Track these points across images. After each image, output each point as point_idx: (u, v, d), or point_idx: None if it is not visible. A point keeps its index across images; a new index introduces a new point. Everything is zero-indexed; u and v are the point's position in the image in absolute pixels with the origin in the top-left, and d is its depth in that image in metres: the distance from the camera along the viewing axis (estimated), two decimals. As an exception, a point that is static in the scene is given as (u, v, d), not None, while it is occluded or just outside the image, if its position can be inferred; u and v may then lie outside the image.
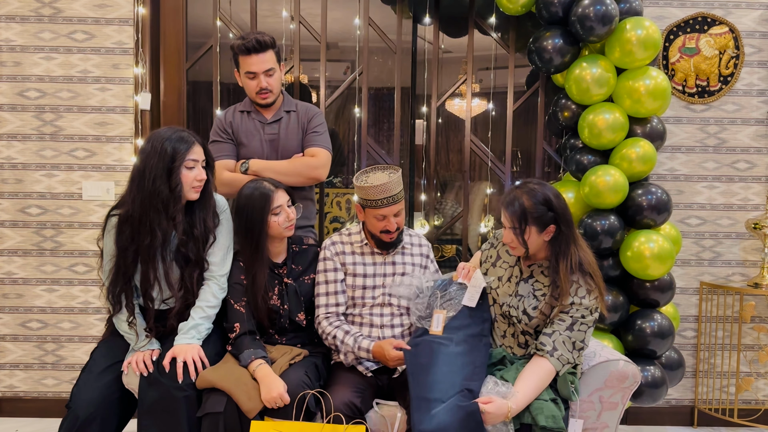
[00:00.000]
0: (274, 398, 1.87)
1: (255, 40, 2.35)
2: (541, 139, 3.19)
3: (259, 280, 2.10)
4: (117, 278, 2.00)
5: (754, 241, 3.10)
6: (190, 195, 2.02)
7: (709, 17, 3.03)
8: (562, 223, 1.97)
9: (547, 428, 1.80)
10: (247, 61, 2.37)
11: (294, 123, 2.49)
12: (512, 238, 1.98)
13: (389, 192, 2.11)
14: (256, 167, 2.38)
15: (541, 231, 1.96)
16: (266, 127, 2.48)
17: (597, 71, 2.63)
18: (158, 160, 1.94)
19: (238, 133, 2.48)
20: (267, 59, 2.37)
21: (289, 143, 2.46)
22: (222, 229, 2.13)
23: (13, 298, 3.08)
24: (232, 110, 2.54)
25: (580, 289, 1.95)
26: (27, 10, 3.00)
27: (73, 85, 3.03)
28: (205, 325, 2.06)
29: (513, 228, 1.96)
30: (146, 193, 1.94)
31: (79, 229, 3.07)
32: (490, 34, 3.19)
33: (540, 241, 1.99)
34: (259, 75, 2.38)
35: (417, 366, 1.95)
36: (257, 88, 2.40)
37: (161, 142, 1.96)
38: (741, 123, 3.08)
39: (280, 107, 2.50)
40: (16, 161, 3.04)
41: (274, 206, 2.10)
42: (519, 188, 1.98)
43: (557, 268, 1.97)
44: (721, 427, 3.09)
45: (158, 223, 1.95)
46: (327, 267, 2.21)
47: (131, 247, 1.98)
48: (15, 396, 3.11)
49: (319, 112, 2.54)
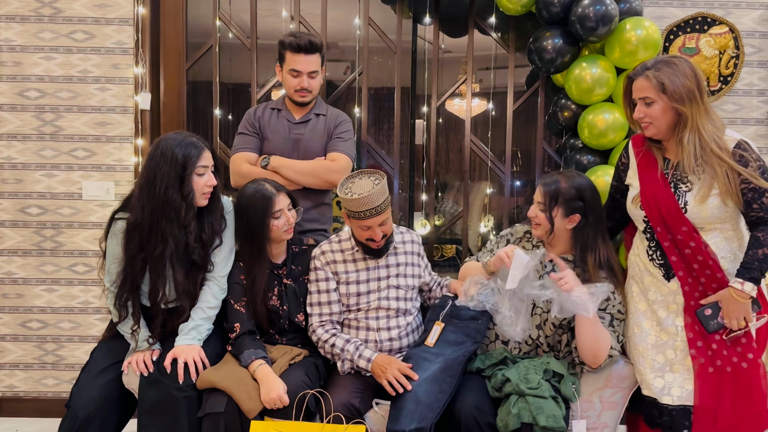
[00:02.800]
0: (274, 399, 1.87)
1: (308, 41, 2.39)
2: (541, 139, 3.19)
3: (259, 282, 2.10)
4: (125, 285, 1.99)
5: (754, 241, 3.10)
6: (200, 202, 2.01)
7: (709, 17, 3.02)
8: (591, 215, 2.03)
9: (548, 428, 1.80)
10: (295, 58, 2.40)
11: (321, 126, 2.50)
12: (537, 214, 2.05)
13: (372, 204, 2.03)
14: (276, 163, 2.40)
15: (566, 215, 2.02)
16: (293, 127, 2.50)
17: (597, 71, 2.63)
18: (169, 168, 1.92)
19: (264, 129, 2.51)
20: (314, 61, 2.42)
21: (313, 145, 2.48)
22: (227, 231, 2.13)
23: (13, 298, 3.08)
24: (264, 106, 2.57)
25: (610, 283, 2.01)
26: (27, 10, 3.00)
27: (73, 85, 3.03)
28: (205, 326, 2.06)
29: (542, 203, 2.03)
30: (157, 201, 1.91)
31: (79, 229, 3.07)
32: (490, 34, 3.19)
33: (562, 226, 2.03)
34: (303, 75, 2.41)
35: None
36: (297, 86, 2.43)
37: (171, 149, 1.93)
38: (741, 123, 3.08)
39: (311, 110, 2.52)
40: (16, 161, 3.04)
41: (274, 210, 2.09)
42: (561, 173, 2.08)
43: (585, 261, 2.02)
44: (721, 427, 3.09)
45: (171, 232, 1.93)
46: (318, 277, 2.19)
47: (140, 255, 1.96)
48: (15, 396, 3.11)
49: (347, 119, 2.55)
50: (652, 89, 1.90)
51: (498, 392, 1.94)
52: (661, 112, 1.91)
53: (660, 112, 1.92)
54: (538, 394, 1.86)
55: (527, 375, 1.91)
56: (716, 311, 1.92)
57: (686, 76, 1.89)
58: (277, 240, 2.16)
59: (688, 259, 1.96)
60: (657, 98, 1.91)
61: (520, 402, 1.86)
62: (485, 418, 1.88)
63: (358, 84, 3.18)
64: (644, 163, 2.04)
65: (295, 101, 2.48)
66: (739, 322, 1.89)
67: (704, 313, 1.93)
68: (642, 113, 1.94)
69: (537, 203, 2.07)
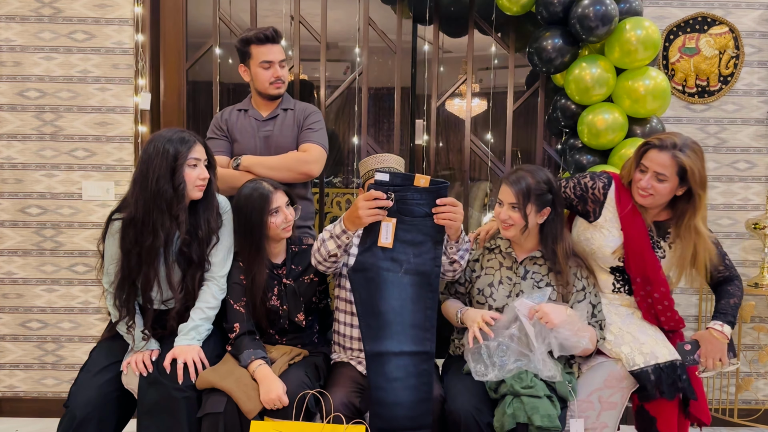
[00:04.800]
0: (273, 400, 1.87)
1: (273, 30, 2.41)
2: (541, 139, 3.19)
3: (259, 280, 2.10)
4: (123, 283, 2.00)
5: (754, 241, 3.10)
6: (193, 194, 2.02)
7: (709, 17, 3.02)
8: (558, 206, 2.06)
9: (543, 428, 1.80)
10: (263, 50, 2.41)
11: (290, 120, 2.49)
12: (510, 215, 2.03)
13: (386, 162, 2.17)
14: (248, 162, 2.39)
15: (539, 211, 2.03)
16: (261, 125, 2.49)
17: (597, 71, 2.63)
18: (161, 160, 1.94)
19: (232, 131, 2.50)
20: (281, 50, 2.44)
21: (284, 140, 2.47)
22: (224, 230, 2.13)
23: (13, 298, 3.08)
24: (230, 109, 2.56)
25: (581, 270, 2.07)
26: (27, 10, 3.00)
27: (73, 85, 3.03)
28: (204, 326, 2.06)
29: (515, 203, 2.01)
30: (149, 193, 1.94)
31: (79, 229, 3.07)
32: (490, 34, 3.19)
33: (535, 222, 2.05)
34: (275, 64, 2.42)
35: (366, 303, 1.94)
36: (272, 78, 2.43)
37: (163, 143, 1.96)
38: (741, 123, 3.08)
39: (278, 106, 2.51)
40: (16, 161, 3.04)
41: (272, 207, 2.10)
42: (522, 169, 2.06)
43: (555, 252, 2.04)
44: (721, 427, 3.09)
45: (161, 223, 1.95)
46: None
47: (134, 250, 1.97)
48: (15, 396, 3.11)
49: (316, 111, 2.54)
50: (671, 168, 1.99)
51: (495, 393, 1.94)
52: (669, 191, 2.03)
53: (668, 191, 2.03)
54: (533, 393, 1.86)
55: (521, 374, 1.91)
56: (695, 348, 2.06)
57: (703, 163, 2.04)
58: (275, 238, 2.16)
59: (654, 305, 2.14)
60: (672, 178, 2.00)
61: (516, 402, 1.85)
62: (485, 418, 1.88)
63: (358, 84, 3.17)
64: (630, 218, 2.10)
65: (271, 95, 2.47)
66: (715, 362, 2.02)
67: (684, 348, 2.07)
68: (649, 185, 2.02)
69: (508, 204, 2.03)
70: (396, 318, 1.92)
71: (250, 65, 2.45)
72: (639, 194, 2.07)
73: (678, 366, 2.01)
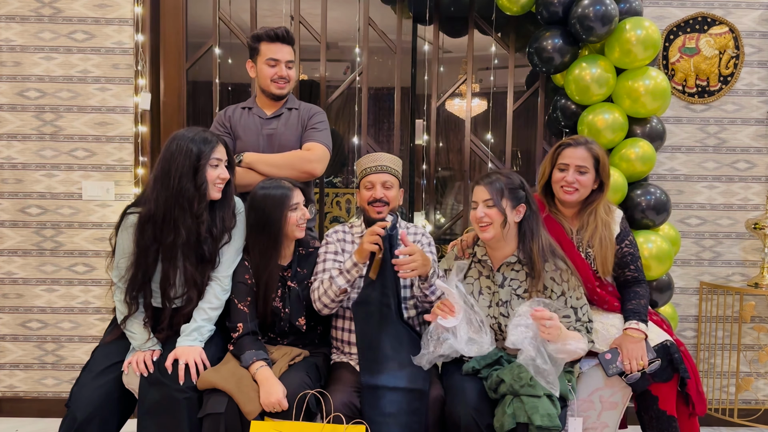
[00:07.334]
0: (273, 403, 1.87)
1: (285, 30, 2.43)
2: (541, 139, 3.19)
3: (269, 278, 2.10)
4: (136, 278, 2.01)
5: (754, 241, 3.10)
6: (213, 194, 2.03)
7: (709, 17, 3.03)
8: (532, 204, 2.08)
9: (543, 427, 1.80)
10: (272, 47, 2.42)
11: (294, 119, 2.49)
12: (486, 212, 2.04)
13: (380, 161, 2.21)
14: (250, 159, 2.38)
15: (514, 207, 2.05)
16: (265, 123, 2.49)
17: (597, 71, 2.63)
18: (184, 159, 1.96)
19: (235, 128, 2.50)
20: (290, 51, 2.46)
21: (287, 139, 2.46)
22: (236, 231, 2.14)
23: (13, 298, 3.08)
24: (234, 107, 2.57)
25: (563, 273, 2.05)
26: (27, 10, 3.00)
27: (73, 85, 3.03)
28: (207, 327, 2.06)
29: (490, 199, 2.03)
30: (171, 191, 1.95)
31: (79, 229, 3.07)
32: (490, 34, 3.20)
33: (512, 219, 2.06)
34: (281, 63, 2.43)
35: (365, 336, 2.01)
36: (275, 76, 2.43)
37: (186, 142, 1.99)
38: (741, 123, 3.08)
39: (283, 105, 2.51)
40: (16, 161, 3.04)
41: (292, 202, 2.11)
42: (492, 172, 2.13)
43: (531, 250, 2.05)
44: (721, 427, 3.09)
45: (183, 221, 1.96)
46: (328, 249, 2.23)
47: (153, 246, 1.99)
48: (15, 396, 3.11)
49: (321, 111, 2.55)
50: (589, 160, 2.18)
51: (494, 393, 1.94)
52: (591, 182, 2.19)
53: (590, 183, 2.19)
54: (533, 393, 1.85)
55: (521, 374, 1.91)
56: (615, 356, 2.06)
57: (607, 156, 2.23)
58: (290, 236, 2.15)
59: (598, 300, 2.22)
60: (591, 169, 2.18)
61: (515, 402, 1.85)
62: (485, 419, 1.88)
63: (358, 84, 3.18)
64: (549, 227, 2.18)
65: (272, 93, 2.47)
66: (638, 362, 2.03)
67: (605, 358, 2.07)
68: (574, 179, 2.17)
69: (482, 203, 2.04)
70: (393, 354, 1.97)
71: (257, 61, 2.45)
72: (564, 191, 2.19)
73: (669, 346, 2.09)
